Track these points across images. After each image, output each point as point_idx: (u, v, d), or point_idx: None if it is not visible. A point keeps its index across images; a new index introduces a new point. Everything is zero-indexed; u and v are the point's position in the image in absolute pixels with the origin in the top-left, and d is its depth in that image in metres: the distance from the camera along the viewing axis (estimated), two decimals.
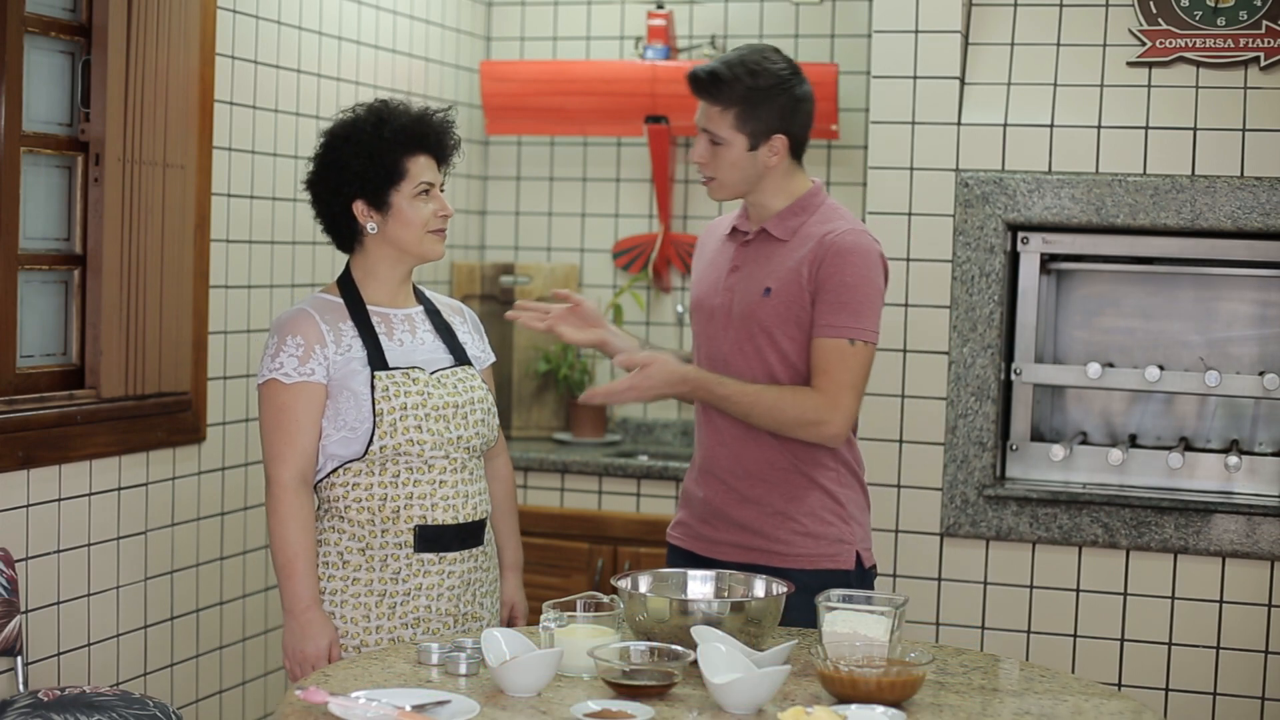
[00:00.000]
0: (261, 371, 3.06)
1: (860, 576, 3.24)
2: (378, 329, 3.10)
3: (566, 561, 4.88)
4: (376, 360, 3.06)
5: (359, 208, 3.08)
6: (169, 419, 3.93)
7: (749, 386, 3.15)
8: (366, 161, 3.06)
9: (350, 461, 3.04)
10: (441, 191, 3.14)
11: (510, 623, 3.32)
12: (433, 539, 3.07)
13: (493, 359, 3.32)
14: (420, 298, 3.24)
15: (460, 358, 3.19)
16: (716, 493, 3.26)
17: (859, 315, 3.13)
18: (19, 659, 3.42)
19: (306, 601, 3.00)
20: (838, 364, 3.12)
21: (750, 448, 3.21)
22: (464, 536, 3.12)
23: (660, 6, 5.24)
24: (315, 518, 3.07)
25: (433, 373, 3.12)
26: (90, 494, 3.73)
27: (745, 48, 3.23)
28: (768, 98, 3.16)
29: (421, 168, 3.09)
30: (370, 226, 3.09)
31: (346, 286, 3.14)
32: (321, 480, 3.07)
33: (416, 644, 2.82)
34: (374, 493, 3.05)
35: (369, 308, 3.12)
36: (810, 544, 3.20)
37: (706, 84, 3.17)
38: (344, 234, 3.14)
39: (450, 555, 3.10)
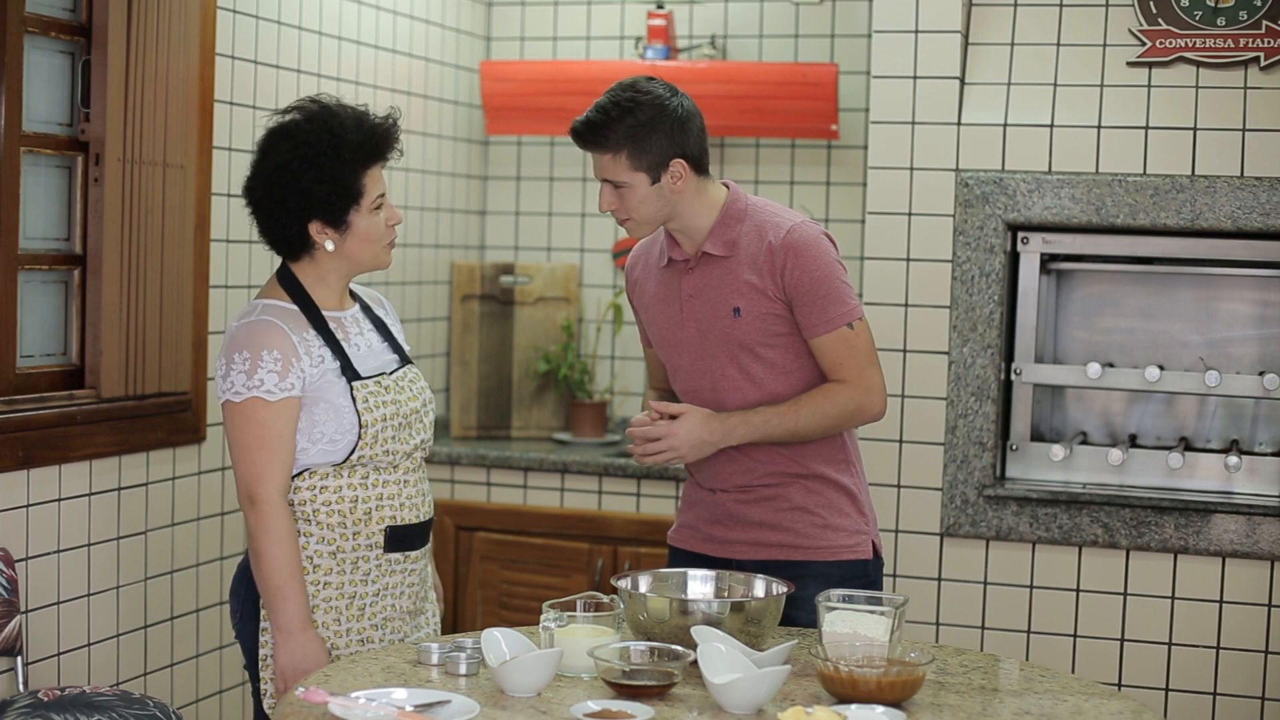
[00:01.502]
0: (234, 389, 2.96)
1: (876, 566, 3.27)
2: (335, 334, 3.05)
3: (566, 561, 4.88)
4: (349, 370, 3.02)
5: (315, 227, 3.01)
6: (169, 419, 3.93)
7: (780, 406, 3.15)
8: (329, 187, 2.98)
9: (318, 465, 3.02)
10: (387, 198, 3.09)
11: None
12: (400, 539, 3.06)
13: (410, 359, 3.26)
14: (352, 295, 3.20)
15: (404, 357, 3.17)
16: (729, 497, 3.24)
17: (843, 300, 3.14)
18: (19, 659, 3.43)
19: (304, 621, 2.95)
20: (849, 352, 3.15)
21: (761, 460, 3.20)
22: (424, 534, 3.13)
23: (660, 6, 5.24)
24: None
25: (391, 374, 3.10)
26: (90, 494, 3.73)
27: (617, 86, 3.15)
28: (652, 129, 3.09)
29: (374, 180, 3.04)
30: (328, 245, 3.02)
31: (294, 290, 3.06)
32: None
33: (416, 644, 2.82)
34: (344, 495, 3.01)
35: (323, 313, 3.06)
36: (832, 536, 3.20)
37: (588, 135, 3.12)
38: (294, 248, 3.05)
39: (413, 554, 3.10)
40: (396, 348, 3.18)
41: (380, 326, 3.18)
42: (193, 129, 3.94)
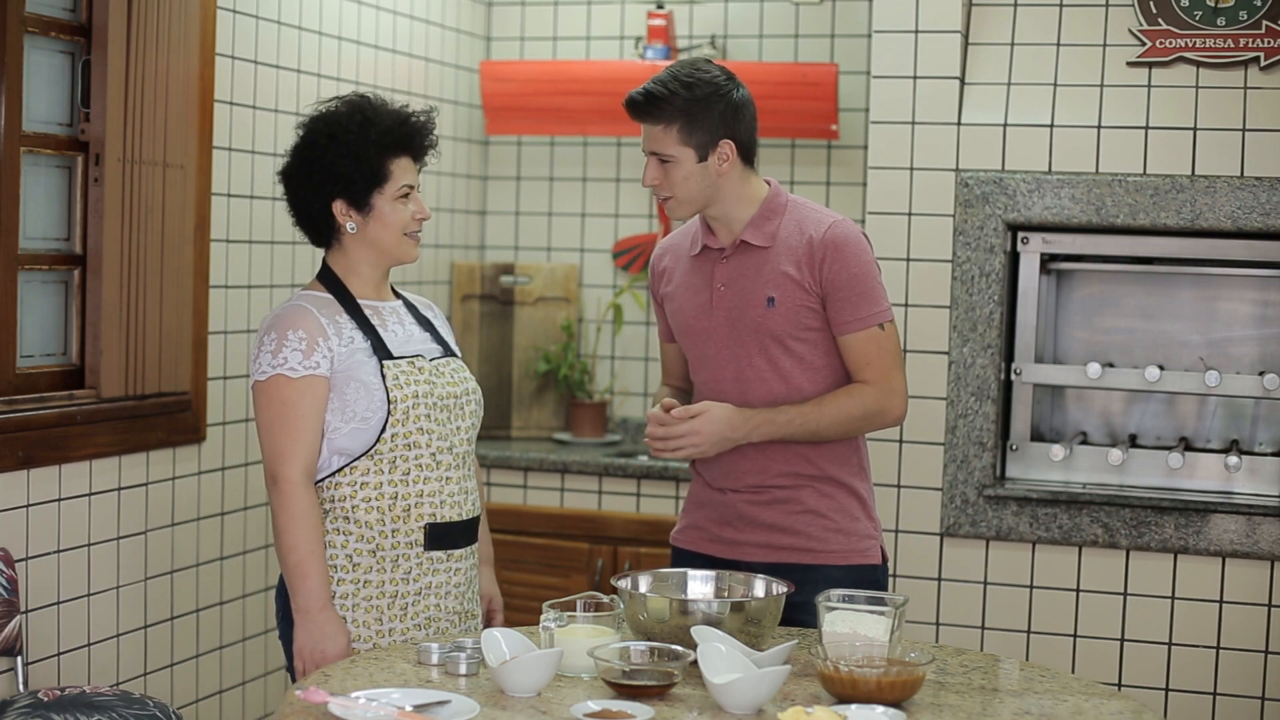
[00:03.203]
0: (260, 369, 3.01)
1: (883, 571, 3.28)
2: (371, 320, 3.09)
3: (566, 561, 4.88)
4: (381, 349, 3.04)
5: (339, 207, 3.06)
6: (169, 419, 3.93)
7: (804, 405, 3.15)
8: (353, 163, 3.03)
9: (357, 459, 3.02)
10: (418, 192, 3.13)
11: (489, 617, 3.29)
12: (442, 536, 3.06)
13: (458, 355, 3.30)
14: (396, 293, 3.23)
15: (447, 349, 3.19)
16: (741, 498, 3.22)
17: (877, 300, 3.17)
18: (19, 659, 3.43)
19: (323, 601, 2.96)
20: (877, 352, 3.16)
21: (775, 459, 3.19)
22: (468, 533, 3.12)
23: (660, 6, 5.24)
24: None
25: (431, 360, 3.12)
26: (90, 494, 3.73)
27: (677, 63, 3.20)
28: (707, 106, 3.12)
29: (403, 170, 3.08)
30: (350, 226, 3.07)
31: (331, 282, 3.11)
32: (324, 480, 3.03)
33: (417, 644, 2.82)
34: (384, 491, 3.02)
35: (359, 301, 3.11)
36: (843, 540, 3.20)
37: (644, 105, 3.14)
38: (320, 230, 3.12)
39: (457, 552, 3.09)
40: (441, 341, 3.20)
41: (425, 324, 3.20)
42: (193, 129, 3.94)
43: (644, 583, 2.93)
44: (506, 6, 5.50)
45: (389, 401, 3.00)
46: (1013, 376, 4.24)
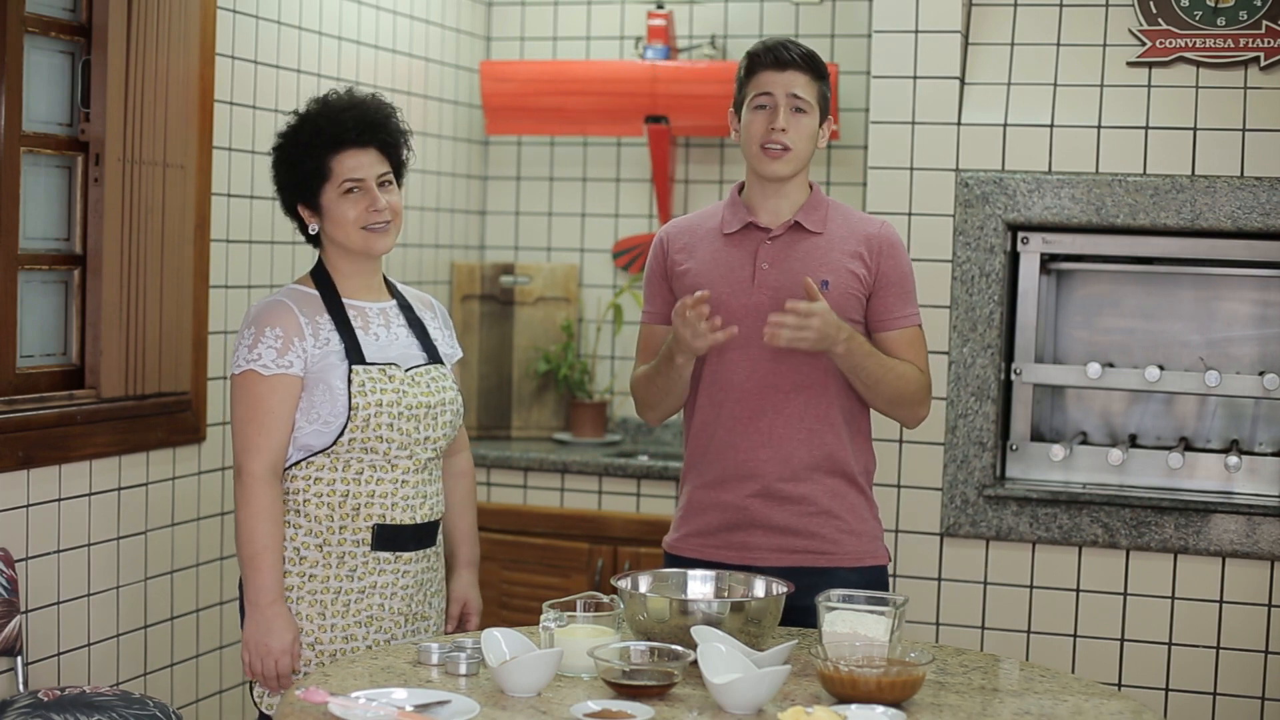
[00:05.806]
0: (238, 362, 3.05)
1: (887, 570, 3.30)
2: (354, 322, 3.10)
3: (566, 561, 4.88)
4: (354, 354, 3.06)
5: (303, 211, 3.14)
6: (169, 419, 3.93)
7: (881, 353, 3.17)
8: (288, 169, 3.12)
9: (314, 455, 3.04)
10: (388, 184, 3.12)
11: (463, 620, 3.30)
12: (390, 538, 3.08)
13: (460, 354, 3.31)
14: (393, 291, 3.24)
15: (433, 356, 3.19)
16: (753, 498, 3.19)
17: (916, 302, 3.26)
18: (19, 659, 3.43)
19: (273, 595, 3.00)
20: (920, 351, 3.24)
21: (798, 448, 3.17)
22: (420, 537, 3.13)
23: (660, 6, 5.24)
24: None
25: (408, 369, 3.12)
26: (90, 494, 3.73)
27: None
28: (829, 82, 3.26)
29: (348, 166, 3.08)
30: (312, 228, 3.14)
31: (320, 279, 3.15)
32: (282, 472, 3.07)
33: (417, 644, 2.83)
34: (336, 489, 3.05)
35: (344, 301, 3.12)
36: (855, 541, 3.21)
37: (807, 56, 3.21)
38: (304, 232, 3.19)
39: (406, 555, 3.11)
40: (428, 347, 3.19)
41: (417, 326, 3.20)
42: (193, 129, 3.94)
43: (644, 583, 2.93)
44: (506, 6, 5.50)
45: (350, 408, 3.02)
46: (1013, 376, 4.24)
